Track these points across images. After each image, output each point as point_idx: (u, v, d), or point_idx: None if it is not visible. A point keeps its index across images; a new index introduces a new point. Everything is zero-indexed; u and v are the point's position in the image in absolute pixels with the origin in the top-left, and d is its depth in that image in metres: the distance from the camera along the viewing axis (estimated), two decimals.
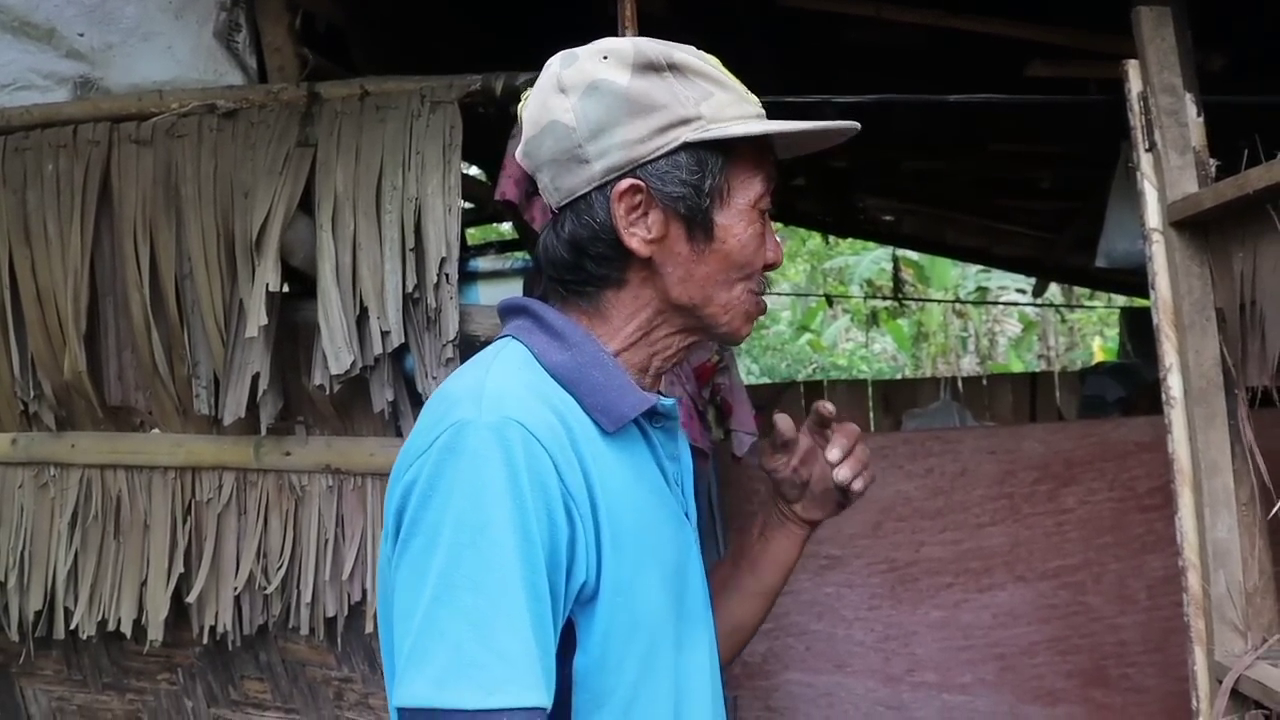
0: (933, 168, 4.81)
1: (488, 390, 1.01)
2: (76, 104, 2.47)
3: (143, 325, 2.39)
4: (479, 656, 0.91)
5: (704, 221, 1.10)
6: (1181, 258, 1.89)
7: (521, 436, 0.97)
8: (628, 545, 1.04)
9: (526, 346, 1.09)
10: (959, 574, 3.71)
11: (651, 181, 1.09)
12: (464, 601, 0.93)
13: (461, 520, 0.94)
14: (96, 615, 2.46)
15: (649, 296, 1.12)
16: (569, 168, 1.09)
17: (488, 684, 0.91)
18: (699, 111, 1.09)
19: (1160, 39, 1.92)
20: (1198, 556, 1.87)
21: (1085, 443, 3.70)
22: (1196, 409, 1.86)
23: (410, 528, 0.97)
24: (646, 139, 1.08)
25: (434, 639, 0.92)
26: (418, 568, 0.95)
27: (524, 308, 1.13)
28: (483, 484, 0.95)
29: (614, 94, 1.08)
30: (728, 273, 1.12)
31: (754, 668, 3.73)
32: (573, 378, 1.07)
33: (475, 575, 0.93)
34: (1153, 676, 3.61)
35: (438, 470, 0.97)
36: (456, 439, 0.97)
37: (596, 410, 1.07)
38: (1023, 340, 12.78)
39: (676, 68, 1.10)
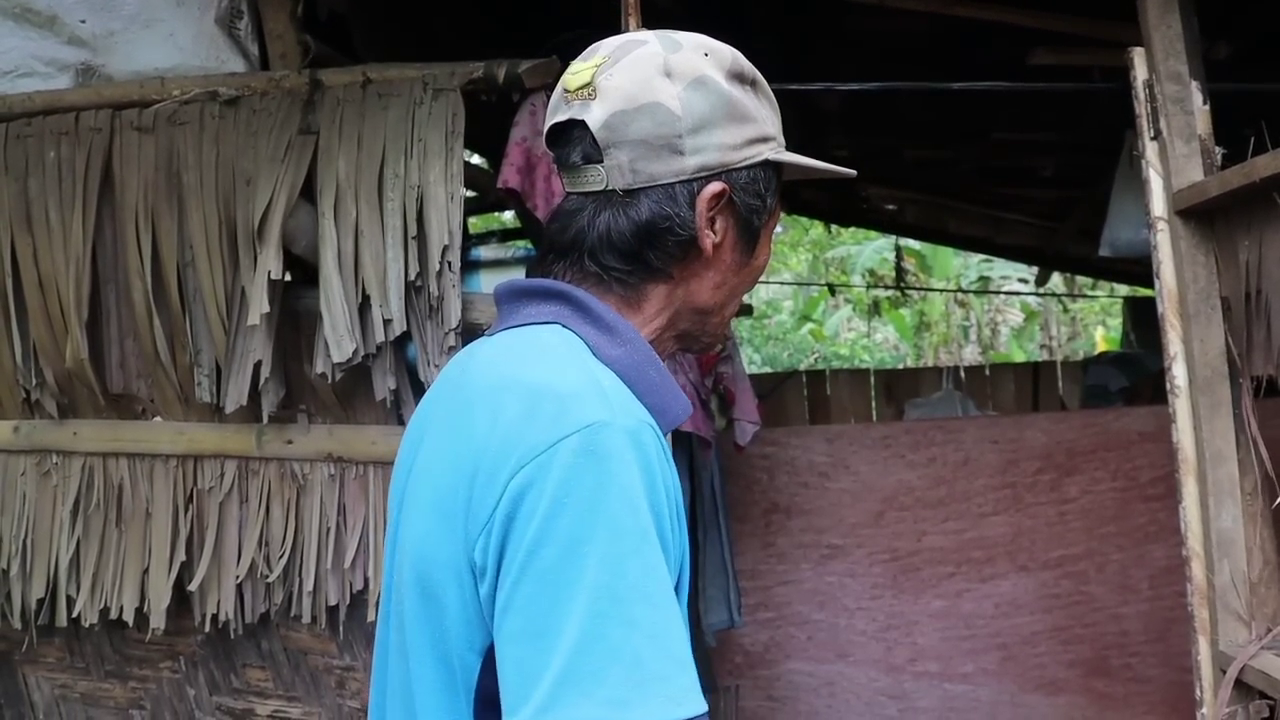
0: (935, 156, 4.79)
1: (608, 389, 0.96)
2: (78, 91, 2.46)
3: (144, 313, 2.38)
4: (662, 668, 0.87)
5: (756, 235, 1.12)
6: (1187, 246, 1.88)
7: (654, 441, 0.95)
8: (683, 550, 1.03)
9: (579, 336, 1.03)
10: (961, 563, 3.71)
11: (735, 189, 1.08)
12: (637, 613, 0.87)
13: (619, 529, 0.89)
14: (99, 603, 2.46)
15: (680, 295, 1.10)
16: (660, 154, 1.05)
17: (675, 695, 0.86)
18: (774, 132, 1.12)
19: (1166, 26, 1.91)
20: (1201, 546, 1.86)
21: (1088, 432, 3.70)
22: (1201, 398, 1.85)
23: (540, 537, 0.89)
24: (740, 147, 1.08)
25: (603, 656, 0.85)
26: (557, 581, 0.88)
27: (562, 293, 1.07)
28: (633, 491, 0.90)
29: (720, 94, 1.07)
30: (746, 285, 1.15)
31: (756, 657, 3.73)
32: (632, 375, 1.02)
33: (644, 586, 0.88)
34: (1155, 666, 3.61)
35: (574, 475, 0.90)
36: (595, 441, 0.91)
37: (655, 411, 1.02)
38: (1025, 330, 12.76)
39: (758, 85, 1.12)
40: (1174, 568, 3.40)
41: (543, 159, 2.27)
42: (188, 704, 2.54)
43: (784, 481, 3.76)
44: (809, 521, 3.74)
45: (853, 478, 3.76)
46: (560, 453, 0.90)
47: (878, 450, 3.77)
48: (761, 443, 3.63)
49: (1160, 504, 3.57)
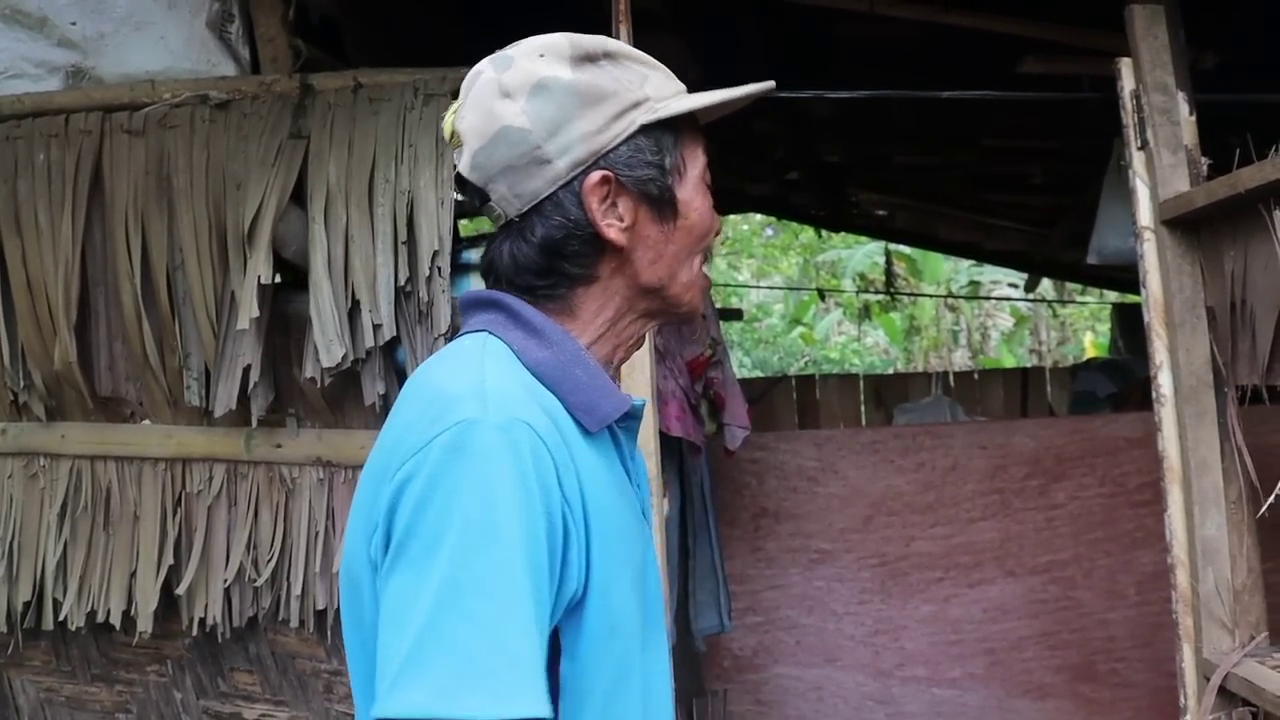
0: (925, 162, 4.81)
1: (490, 387, 0.98)
2: (68, 93, 2.46)
3: (134, 316, 2.38)
4: (491, 664, 0.87)
5: (670, 199, 1.10)
6: (1173, 256, 1.89)
7: (529, 438, 0.94)
8: (609, 548, 1.02)
9: (505, 343, 1.06)
10: (949, 569, 3.72)
11: (619, 169, 1.07)
12: (473, 607, 0.88)
13: (470, 523, 0.90)
14: (86, 606, 2.45)
15: (618, 286, 1.10)
16: (529, 172, 1.06)
17: (500, 692, 0.87)
18: (645, 93, 1.09)
19: (1153, 37, 1.92)
20: (1186, 554, 1.87)
21: (1076, 438, 3.71)
22: (1186, 407, 1.87)
23: (407, 530, 0.93)
24: (605, 128, 1.07)
25: (438, 646, 0.88)
26: (416, 571, 0.91)
27: (496, 301, 1.09)
28: (493, 486, 0.92)
29: (563, 89, 1.06)
30: (690, 247, 1.12)
31: (744, 661, 3.74)
32: (556, 376, 1.04)
33: (485, 580, 0.89)
34: (1141, 671, 3.63)
35: (440, 470, 0.93)
36: (463, 438, 0.93)
37: (580, 410, 1.04)
38: (1015, 335, 12.80)
39: (611, 55, 1.10)
40: (1161, 573, 3.42)
41: None
42: (174, 708, 2.53)
43: (773, 486, 3.76)
44: (798, 526, 3.75)
45: (841, 483, 3.77)
46: (432, 449, 0.94)
47: (866, 455, 3.78)
48: (751, 447, 3.63)
49: (1147, 510, 3.59)
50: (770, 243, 12.89)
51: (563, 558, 0.96)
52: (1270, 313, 1.67)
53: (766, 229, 12.57)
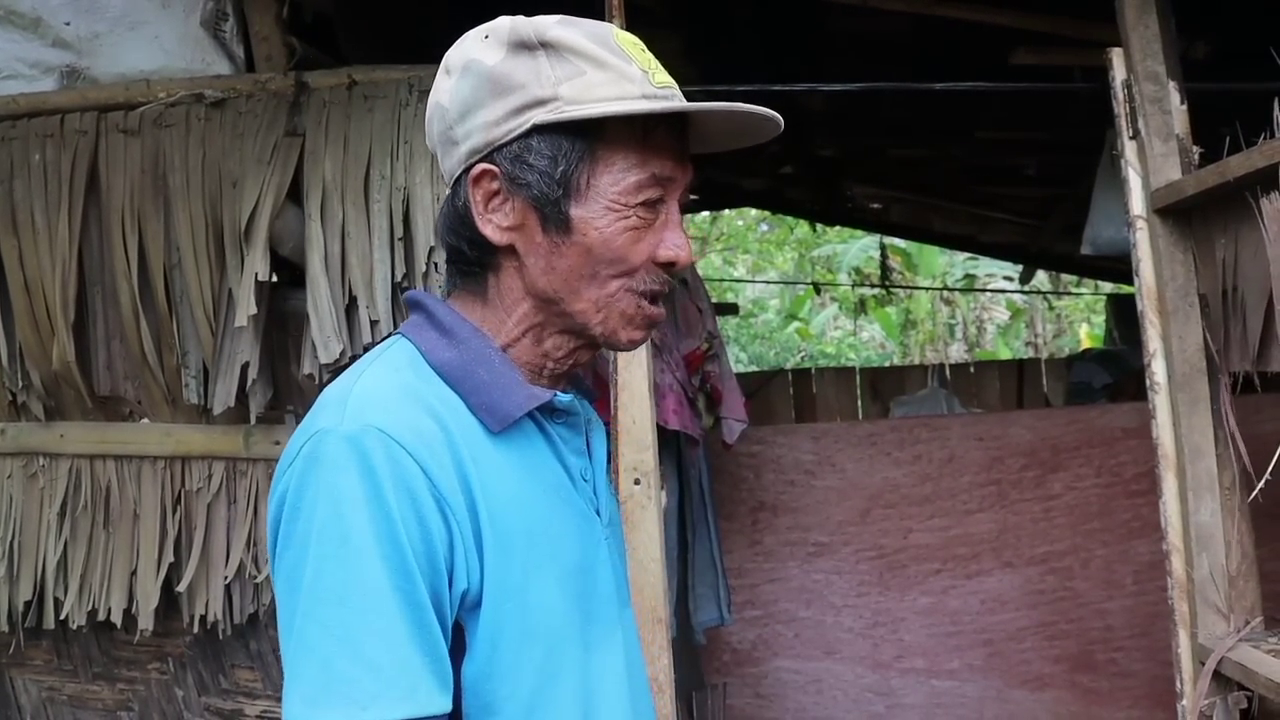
0: (919, 156, 4.82)
1: (353, 396, 0.98)
2: (63, 93, 2.46)
3: (131, 315, 2.38)
4: (347, 671, 0.89)
5: (556, 212, 1.02)
6: (1165, 244, 1.91)
7: (382, 443, 0.94)
8: (517, 548, 1.00)
9: (414, 344, 1.06)
10: (947, 560, 3.74)
11: (504, 166, 1.03)
12: (328, 615, 0.90)
13: (324, 532, 0.92)
14: (86, 605, 2.46)
15: (520, 287, 1.06)
16: (446, 150, 1.06)
17: (359, 698, 0.88)
18: (556, 92, 1.01)
19: (1144, 26, 1.93)
20: (1181, 540, 1.89)
21: (1072, 429, 3.72)
22: (1180, 394, 1.88)
23: (281, 542, 0.95)
24: (502, 120, 1.03)
25: (304, 655, 0.91)
26: (290, 583, 0.94)
27: (419, 303, 1.10)
28: (340, 494, 0.92)
29: (481, 74, 1.04)
30: (592, 268, 1.03)
31: (743, 654, 3.75)
32: (458, 376, 1.03)
33: (338, 588, 0.91)
34: (1139, 661, 3.64)
35: (302, 481, 0.95)
36: (317, 449, 0.95)
37: (481, 410, 1.03)
38: (1010, 327, 12.82)
39: (550, 45, 1.03)
40: (1158, 563, 3.42)
41: None
42: (176, 705, 2.54)
43: (770, 480, 3.77)
44: (795, 519, 3.76)
45: (839, 475, 3.78)
46: (296, 462, 0.96)
47: (864, 448, 3.79)
48: (748, 441, 3.64)
49: (1144, 500, 3.60)
50: (765, 238, 12.90)
51: (449, 555, 0.96)
52: (1260, 300, 1.69)
53: (761, 224, 12.58)
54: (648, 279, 1.06)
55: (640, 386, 1.90)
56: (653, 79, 1.03)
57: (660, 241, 1.05)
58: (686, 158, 1.08)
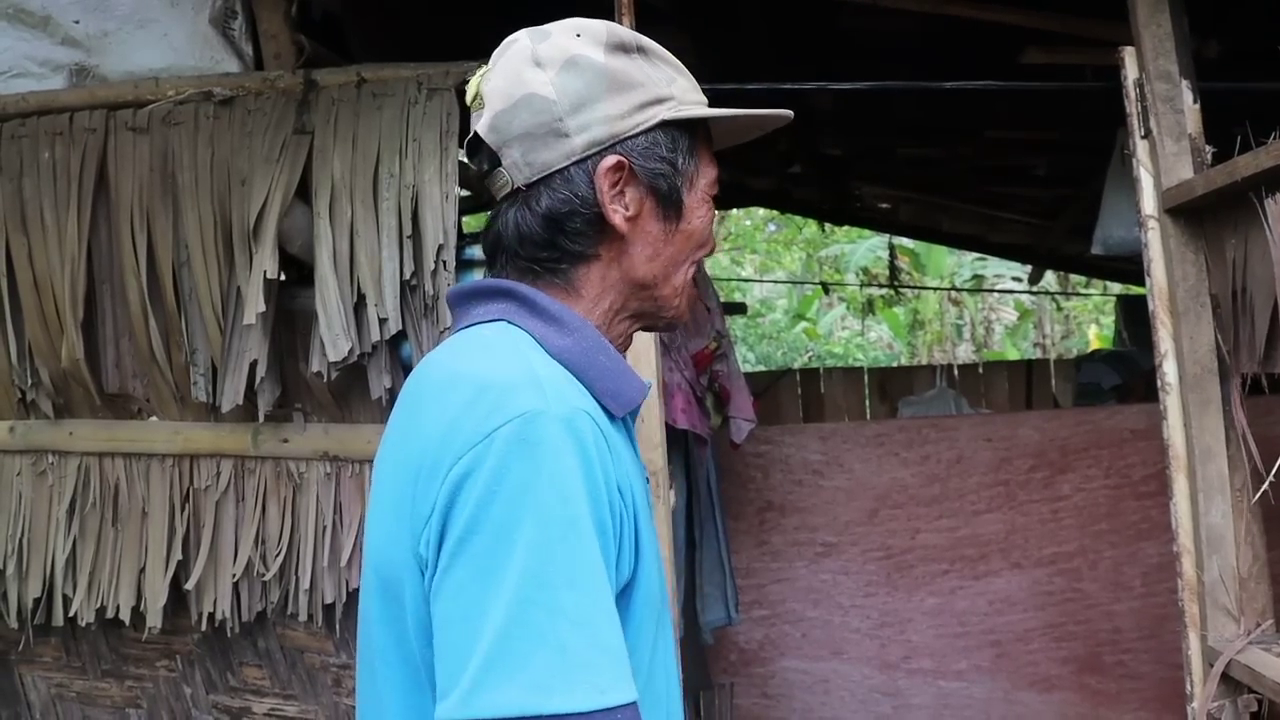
0: (928, 155, 4.81)
1: (544, 378, 0.97)
2: (73, 91, 2.47)
3: (140, 313, 2.39)
4: (588, 656, 0.87)
5: (676, 200, 1.11)
6: (1176, 244, 1.89)
7: (591, 429, 0.94)
8: (644, 532, 1.03)
9: (525, 331, 1.05)
10: (955, 561, 3.73)
11: (633, 158, 1.08)
12: (563, 599, 0.87)
13: (548, 515, 0.89)
14: (95, 602, 2.47)
15: (615, 276, 1.10)
16: (546, 142, 1.07)
17: (600, 683, 0.86)
18: (671, 92, 1.10)
19: (1156, 25, 1.92)
20: (1192, 542, 1.88)
21: (1081, 430, 3.71)
22: (1191, 395, 1.87)
23: (471, 525, 0.90)
24: (627, 115, 1.07)
25: (528, 641, 0.86)
26: (485, 568, 0.88)
27: (508, 290, 1.08)
28: (565, 478, 0.91)
29: (594, 69, 1.07)
30: (689, 253, 1.13)
31: (750, 654, 3.74)
32: (581, 364, 1.03)
33: (571, 572, 0.88)
34: (1147, 663, 3.63)
35: (504, 463, 0.90)
36: (528, 430, 0.91)
37: (607, 396, 1.04)
38: (1018, 328, 12.79)
39: (644, 51, 1.12)
40: (1166, 565, 3.41)
41: None
42: (184, 703, 2.55)
43: (778, 479, 3.77)
44: (803, 519, 3.75)
45: (847, 476, 3.77)
46: (495, 442, 0.91)
47: (872, 448, 3.78)
48: (756, 441, 3.64)
49: (1152, 501, 3.59)
50: (773, 238, 12.89)
51: (619, 545, 0.96)
52: (1267, 301, 1.68)
53: (769, 224, 12.57)
54: (697, 266, 1.17)
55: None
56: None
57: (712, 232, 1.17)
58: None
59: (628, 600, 0.99)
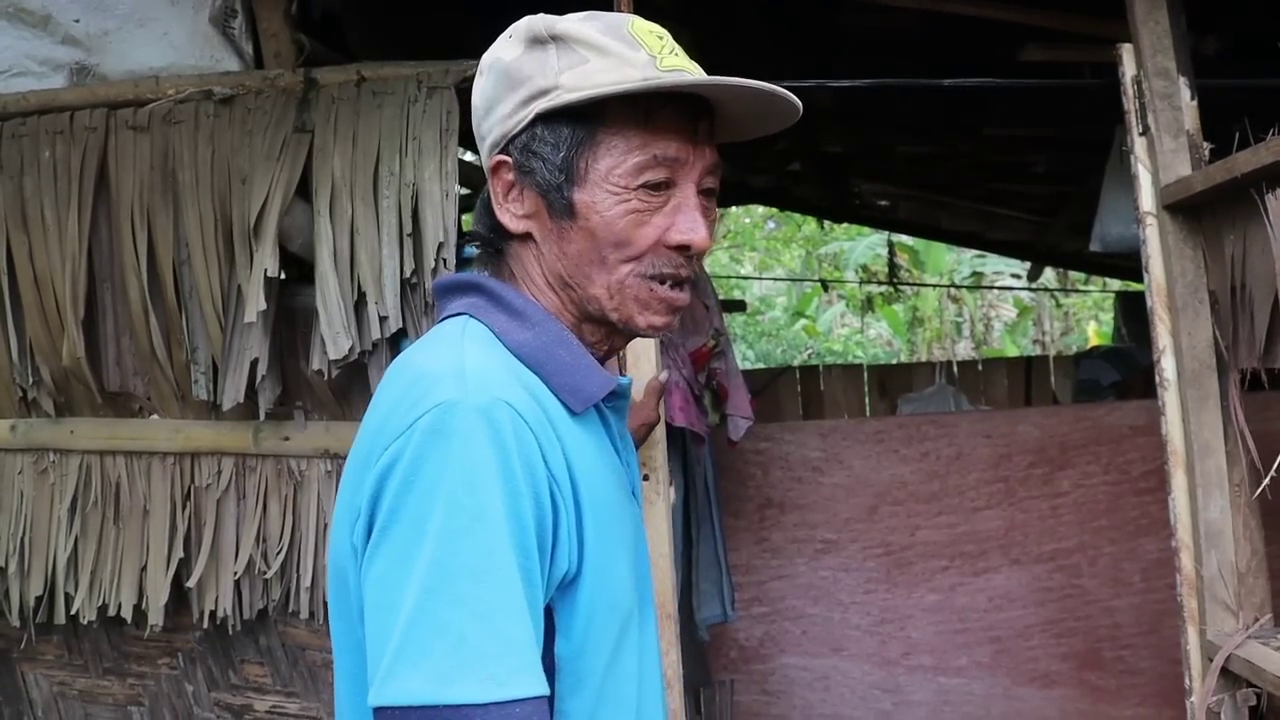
0: (927, 152, 4.81)
1: (470, 369, 0.97)
2: (73, 90, 2.47)
3: (141, 311, 2.39)
4: (486, 647, 0.87)
5: (560, 197, 1.05)
6: (1175, 241, 1.90)
7: (511, 418, 0.93)
8: (604, 526, 1.01)
9: (486, 325, 1.05)
10: (954, 557, 3.73)
11: (515, 156, 1.07)
12: (464, 591, 0.87)
13: (455, 506, 0.89)
14: (97, 600, 2.47)
15: (541, 273, 1.09)
16: (481, 145, 1.12)
17: (499, 675, 0.86)
18: (557, 81, 1.03)
19: (1154, 22, 1.92)
20: (1190, 537, 1.88)
21: (1080, 426, 3.72)
22: (1190, 391, 1.87)
23: (390, 515, 0.91)
24: (513, 113, 1.06)
25: (430, 632, 0.87)
26: (401, 557, 0.90)
27: (476, 284, 1.09)
28: (476, 468, 0.90)
29: (499, 71, 1.08)
30: (598, 252, 1.05)
31: (750, 651, 3.75)
32: (539, 358, 1.03)
33: (474, 563, 0.88)
34: (1147, 659, 3.63)
35: (421, 454, 0.91)
36: (443, 420, 0.92)
37: (565, 390, 1.03)
38: (1018, 325, 12.80)
39: (560, 38, 1.05)
40: (1165, 561, 3.42)
41: None
42: (186, 700, 2.55)
43: (778, 476, 3.78)
44: (803, 516, 3.76)
45: (846, 472, 3.77)
46: (414, 433, 0.92)
47: (871, 445, 3.78)
48: (755, 438, 3.65)
49: (1151, 497, 3.59)
50: (772, 235, 12.89)
51: (553, 537, 0.95)
52: (1267, 297, 1.68)
53: (768, 222, 12.57)
54: (658, 262, 1.05)
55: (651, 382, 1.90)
56: (660, 63, 1.04)
57: (671, 225, 1.05)
58: (703, 141, 1.07)
59: (571, 597, 0.98)
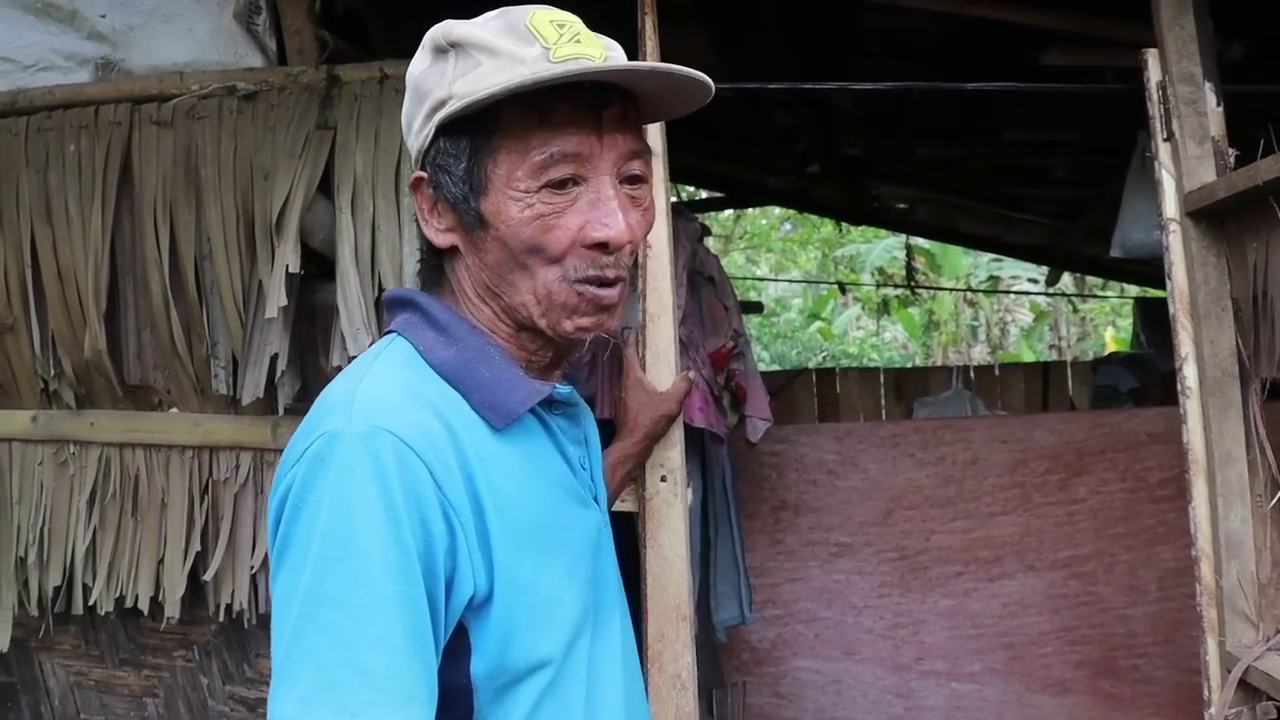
0: (946, 155, 4.80)
1: (359, 397, 0.98)
2: (98, 85, 2.48)
3: (162, 305, 2.40)
4: (341, 677, 0.89)
5: (468, 209, 1.03)
6: (1198, 247, 1.89)
7: (393, 446, 0.94)
8: (527, 543, 1.01)
9: (412, 343, 1.05)
10: (969, 563, 3.72)
11: (430, 172, 1.06)
12: (327, 619, 0.90)
13: (328, 535, 0.91)
14: (114, 592, 2.48)
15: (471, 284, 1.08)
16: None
17: (350, 705, 0.88)
18: (451, 90, 1.01)
19: (1180, 27, 1.91)
20: (1211, 546, 1.87)
21: (1097, 433, 3.70)
22: (1211, 399, 1.86)
23: (283, 540, 0.95)
24: (421, 128, 1.05)
25: (301, 657, 0.90)
26: (289, 582, 0.93)
27: (411, 301, 1.09)
28: (350, 498, 0.92)
29: (411, 85, 1.08)
30: (515, 259, 1.02)
31: (763, 654, 3.75)
32: (459, 375, 1.03)
33: (340, 592, 0.90)
34: (1162, 668, 3.61)
35: (307, 482, 0.94)
36: (326, 450, 0.94)
37: (485, 407, 1.02)
38: (1034, 330, 12.75)
39: (457, 44, 1.04)
40: (1182, 569, 3.41)
41: None
42: (201, 693, 2.56)
43: (793, 479, 3.77)
44: (817, 519, 3.75)
45: (861, 476, 3.77)
46: (303, 462, 0.95)
47: (886, 449, 3.78)
48: (771, 440, 3.64)
49: (1169, 505, 3.57)
50: (789, 237, 12.88)
51: (452, 560, 0.95)
52: None
53: (785, 223, 12.55)
54: (580, 265, 1.02)
55: (666, 385, 1.89)
56: (554, 54, 1.00)
57: (586, 222, 1.01)
58: (612, 129, 1.02)
59: (484, 617, 0.98)
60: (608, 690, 1.10)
